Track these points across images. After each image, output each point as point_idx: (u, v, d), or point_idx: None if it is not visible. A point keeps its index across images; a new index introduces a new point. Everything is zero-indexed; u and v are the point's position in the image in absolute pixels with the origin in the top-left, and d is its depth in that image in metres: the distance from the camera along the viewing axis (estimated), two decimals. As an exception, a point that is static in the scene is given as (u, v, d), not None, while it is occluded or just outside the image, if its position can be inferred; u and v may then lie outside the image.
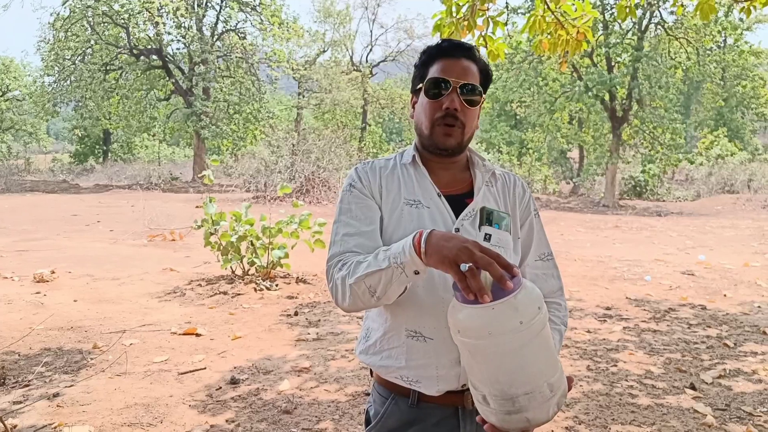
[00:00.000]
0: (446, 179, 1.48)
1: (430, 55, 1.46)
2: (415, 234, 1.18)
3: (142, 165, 32.00)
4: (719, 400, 3.73)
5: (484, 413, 1.17)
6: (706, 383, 4.02)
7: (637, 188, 26.11)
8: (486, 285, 1.06)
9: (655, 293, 6.50)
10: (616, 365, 4.35)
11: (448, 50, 1.44)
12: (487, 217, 1.40)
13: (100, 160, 38.39)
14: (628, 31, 23.19)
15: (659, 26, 22.95)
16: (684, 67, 24.06)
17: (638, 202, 23.80)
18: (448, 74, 1.40)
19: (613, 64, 22.88)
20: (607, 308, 5.91)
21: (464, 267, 1.06)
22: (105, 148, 39.31)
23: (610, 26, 22.49)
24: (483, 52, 5.49)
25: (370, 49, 37.22)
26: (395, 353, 1.41)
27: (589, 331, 5.15)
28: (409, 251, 1.17)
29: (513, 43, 25.47)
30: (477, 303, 1.05)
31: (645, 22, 22.58)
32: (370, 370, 1.52)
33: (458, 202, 1.45)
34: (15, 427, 3.22)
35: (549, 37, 5.44)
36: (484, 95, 1.47)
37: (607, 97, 22.69)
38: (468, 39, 5.38)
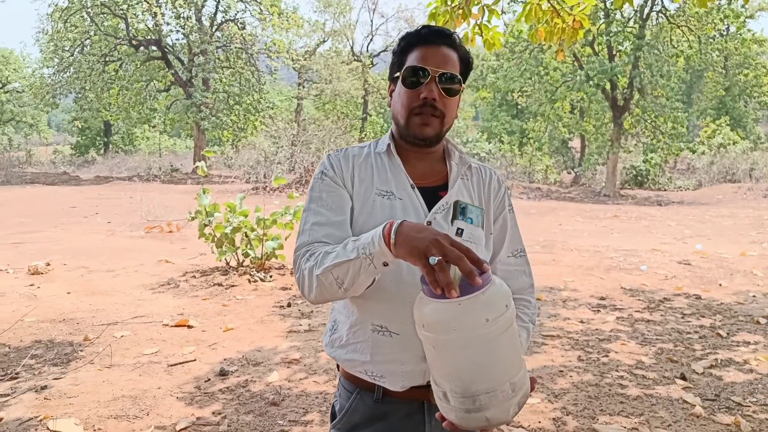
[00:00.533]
0: (421, 170, 1.45)
1: (408, 42, 1.41)
2: (385, 224, 1.15)
3: (143, 156, 32.02)
4: (709, 390, 3.72)
5: (444, 410, 1.15)
6: (697, 373, 4.01)
7: (639, 178, 26.04)
8: (455, 280, 1.04)
9: (650, 283, 6.48)
10: (607, 355, 4.34)
11: (428, 37, 1.39)
12: (460, 211, 1.34)
13: (102, 151, 38.40)
14: (629, 20, 23.03)
15: (661, 14, 22.79)
16: (686, 56, 23.89)
17: (639, 192, 23.74)
18: (427, 62, 1.36)
19: (614, 52, 22.75)
20: (602, 298, 5.89)
21: (433, 260, 1.03)
22: (106, 139, 39.31)
23: (612, 14, 22.33)
24: (479, 41, 5.45)
25: (371, 39, 37.08)
26: (360, 347, 1.38)
27: (582, 321, 5.14)
28: (378, 242, 1.14)
29: (515, 32, 25.36)
30: (444, 298, 1.03)
31: (647, 10, 22.42)
32: (337, 364, 1.49)
33: (432, 194, 1.42)
34: (1, 420, 3.22)
35: (545, 25, 5.41)
36: (463, 84, 1.42)
37: (608, 86, 22.57)
38: (463, 28, 5.33)
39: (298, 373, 3.96)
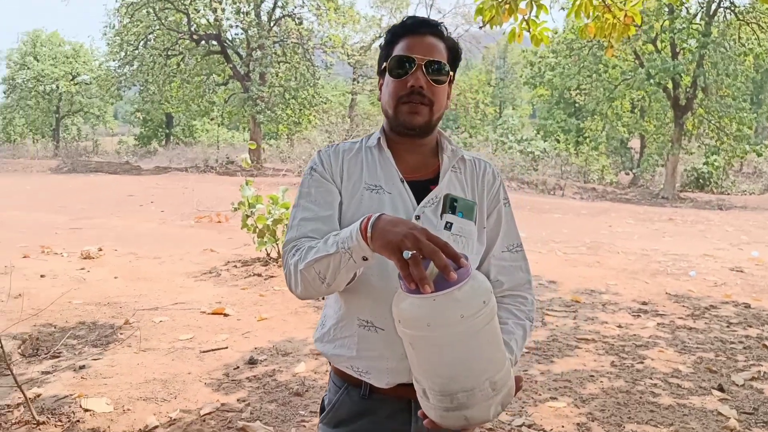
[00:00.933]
0: (412, 163, 1.43)
1: (394, 34, 1.40)
2: (363, 218, 1.14)
3: (202, 148, 32.86)
4: (747, 404, 3.56)
5: (425, 407, 1.13)
6: (737, 385, 3.84)
7: (700, 180, 25.08)
8: (430, 274, 1.02)
9: (697, 289, 6.24)
10: (642, 362, 4.21)
11: (413, 27, 1.38)
12: (450, 205, 1.32)
13: (163, 142, 39.61)
14: (695, 16, 22.19)
15: (729, 11, 21.84)
16: (755, 54, 22.81)
17: (700, 195, 22.88)
18: (413, 51, 1.35)
19: (678, 50, 21.95)
20: (644, 303, 5.71)
21: (407, 254, 1.02)
22: (167, 131, 40.51)
23: (677, 11, 21.54)
24: (526, 37, 5.35)
25: (427, 36, 36.87)
26: (347, 342, 1.38)
27: (620, 326, 5.00)
28: (356, 236, 1.13)
29: (575, 29, 24.81)
30: (418, 293, 1.01)
31: (714, 6, 21.54)
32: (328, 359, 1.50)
33: (422, 188, 1.40)
34: (39, 396, 3.38)
35: (596, 21, 5.27)
36: (452, 73, 1.41)
37: (670, 85, 21.82)
38: (510, 23, 5.26)
39: (324, 365, 4.00)
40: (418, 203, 1.37)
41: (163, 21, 25.51)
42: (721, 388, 3.77)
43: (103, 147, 37.17)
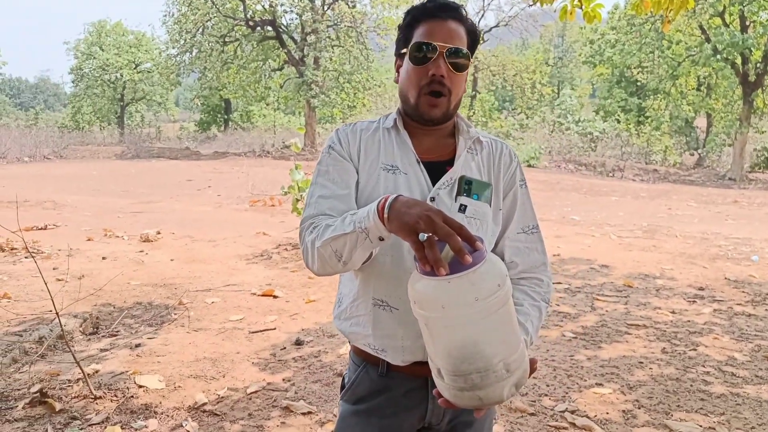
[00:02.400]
0: (428, 145, 1.42)
1: (414, 17, 1.38)
2: (380, 199, 1.14)
3: (259, 133, 33.47)
4: (806, 394, 3.41)
5: (440, 387, 1.15)
6: (796, 375, 3.69)
7: (772, 160, 23.88)
8: (446, 257, 1.03)
9: (759, 275, 5.98)
10: (695, 349, 4.08)
11: (434, 11, 1.36)
12: (465, 187, 1.34)
13: (222, 128, 40.52)
14: (767, -14, 21.01)
15: (805, -21, 20.56)
16: (834, 25, 21.44)
17: (771, 176, 21.80)
18: (434, 38, 1.33)
19: (747, 23, 20.85)
20: (700, 288, 5.52)
21: (422, 236, 1.03)
22: (226, 116, 41.40)
23: (747, -19, 20.45)
24: (579, 14, 5.21)
25: (482, 15, 36.27)
26: (363, 320, 1.39)
27: (673, 312, 4.85)
28: (372, 216, 1.14)
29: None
30: (433, 275, 1.02)
31: (787, -24, 20.32)
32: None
33: (438, 169, 1.39)
34: (97, 372, 3.55)
35: (652, -5, 5.08)
36: (471, 58, 1.39)
37: (738, 61, 20.79)
38: (561, 0, 5.12)
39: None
40: (434, 184, 1.36)
41: (219, 8, 25.96)
42: (778, 378, 3.62)
43: (165, 133, 38.34)
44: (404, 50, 1.39)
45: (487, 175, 1.43)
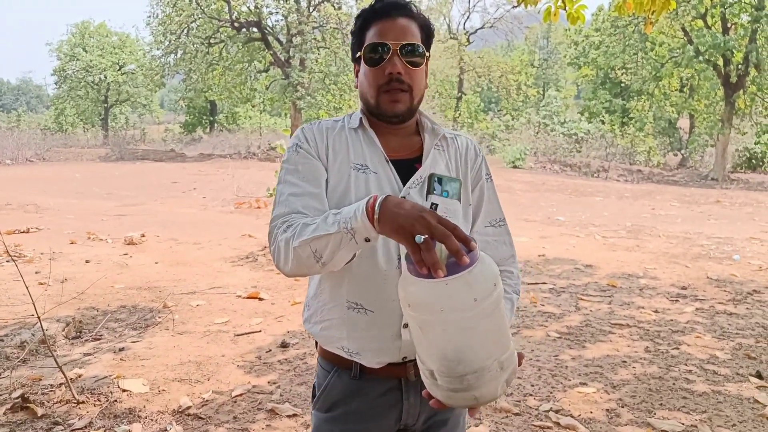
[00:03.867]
0: (395, 143, 1.41)
1: (365, 20, 1.37)
2: (368, 198, 1.12)
3: (245, 135, 33.35)
4: (786, 391, 3.46)
5: (431, 388, 1.14)
6: (777, 372, 3.73)
7: (753, 161, 24.20)
8: (441, 258, 1.02)
9: (741, 274, 6.06)
10: (678, 348, 4.13)
11: (383, 11, 1.35)
12: (436, 184, 1.31)
13: (207, 130, 40.31)
14: (748, -11, 21.28)
15: (785, -18, 20.85)
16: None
17: (752, 176, 22.08)
18: (386, 37, 1.33)
19: (729, 25, 21.11)
20: (683, 288, 5.58)
21: (419, 239, 1.00)
22: (211, 118, 41.20)
23: (728, -16, 20.71)
24: (563, 15, 5.24)
25: (468, 16, 36.53)
26: (336, 323, 1.37)
27: (656, 311, 4.90)
28: (361, 217, 1.11)
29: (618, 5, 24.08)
30: (430, 277, 1.00)
31: (768, -22, 20.60)
32: (315, 341, 1.48)
33: (407, 167, 1.38)
34: (80, 376, 3.52)
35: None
36: (428, 54, 1.38)
37: (720, 62, 21.04)
38: (545, 2, 5.15)
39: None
40: (404, 183, 1.36)
41: (204, 9, 25.85)
42: (759, 375, 3.67)
43: (150, 135, 38.09)
44: (359, 54, 1.38)
45: (455, 171, 1.43)
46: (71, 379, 3.34)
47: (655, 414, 3.19)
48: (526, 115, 33.75)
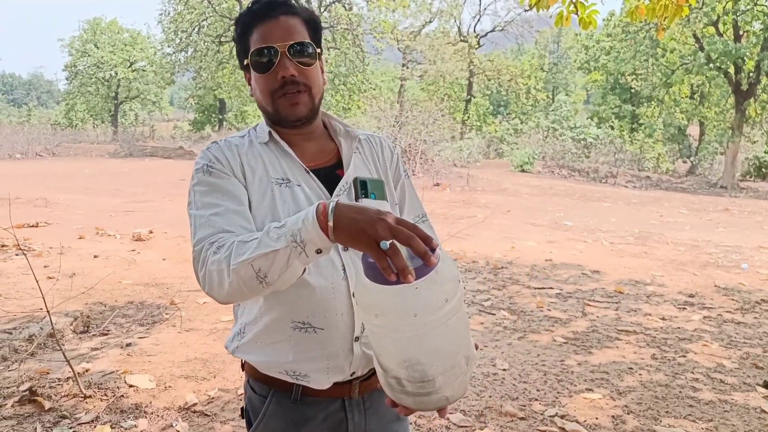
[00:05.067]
0: (310, 152, 1.33)
1: (245, 24, 1.28)
2: (316, 206, 1.02)
3: (253, 133, 33.34)
4: (793, 402, 3.44)
5: (397, 396, 1.09)
6: (784, 382, 3.71)
7: (763, 169, 24.06)
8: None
9: (749, 282, 6.03)
10: (685, 356, 4.11)
11: (263, 12, 1.26)
12: (362, 188, 1.24)
13: (216, 128, 40.45)
14: (760, -3, 21.19)
15: (798, -10, 20.76)
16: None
17: (762, 185, 21.97)
18: (271, 39, 1.24)
19: (741, 33, 21.03)
20: (690, 295, 5.56)
21: (385, 245, 0.94)
22: (221, 116, 41.35)
23: (740, -9, 20.63)
24: (575, 20, 5.24)
25: (479, 19, 36.46)
26: (280, 347, 1.26)
27: (663, 319, 4.89)
28: (312, 226, 1.00)
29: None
30: (398, 283, 0.94)
31: (781, -14, 20.52)
32: (242, 364, 1.37)
33: (329, 174, 1.32)
34: (87, 371, 3.54)
35: (647, 1, 5.12)
36: (319, 50, 1.30)
37: (731, 70, 20.97)
38: (557, 6, 5.15)
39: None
40: (329, 191, 1.29)
41: (215, 8, 25.98)
42: (766, 385, 3.65)
43: (159, 132, 38.24)
44: (246, 61, 1.29)
45: (375, 172, 1.38)
46: (79, 373, 3.36)
47: (660, 421, 3.18)
48: (535, 119, 33.69)
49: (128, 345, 3.98)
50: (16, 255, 6.18)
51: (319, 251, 1.03)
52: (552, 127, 29.96)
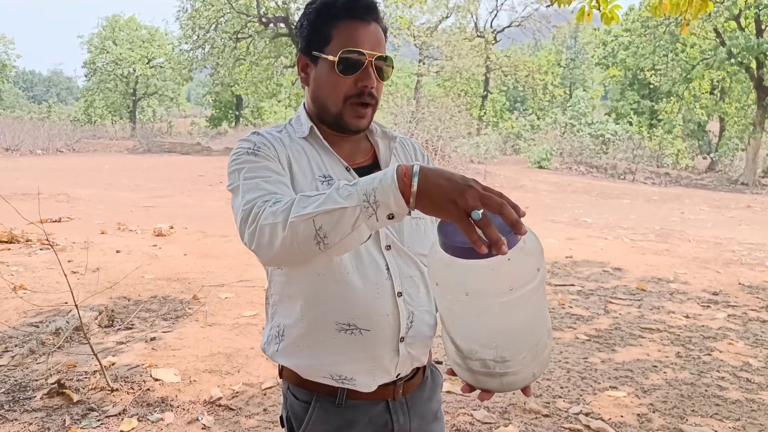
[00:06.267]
0: (348, 151, 1.31)
1: (332, 14, 1.22)
2: (396, 167, 0.93)
3: (270, 130, 33.46)
4: (822, 402, 3.39)
5: (480, 381, 1.04)
6: (812, 382, 3.66)
7: (784, 166, 23.72)
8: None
9: (774, 281, 5.96)
10: (710, 354, 4.07)
11: (359, 11, 1.21)
12: None
13: (233, 124, 40.67)
14: (783, -10, 20.85)
15: (822, -16, 20.39)
16: None
17: (784, 182, 21.65)
18: (363, 45, 1.20)
19: (763, 27, 20.72)
20: (714, 293, 5.50)
21: (477, 214, 0.86)
22: (237, 113, 41.56)
23: (763, -15, 20.30)
24: (596, 15, 5.19)
25: (495, 15, 36.26)
26: (324, 351, 1.22)
27: (687, 317, 4.84)
28: (391, 187, 0.91)
29: (649, 6, 23.76)
30: (489, 256, 0.87)
31: (805, -20, 20.16)
32: (279, 371, 1.34)
33: (366, 174, 1.27)
34: (113, 364, 3.58)
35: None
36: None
37: (753, 65, 20.67)
38: (579, 1, 5.10)
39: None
40: None
41: (233, 5, 26.07)
42: (794, 385, 3.61)
43: (177, 128, 38.56)
44: (320, 53, 1.23)
45: None
46: (105, 367, 3.40)
47: (687, 420, 3.15)
48: (553, 114, 33.47)
49: (153, 339, 4.01)
50: (41, 249, 6.26)
51: (391, 216, 0.93)
52: (570, 123, 29.75)
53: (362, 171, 1.27)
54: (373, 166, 1.31)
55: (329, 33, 1.21)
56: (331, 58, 1.20)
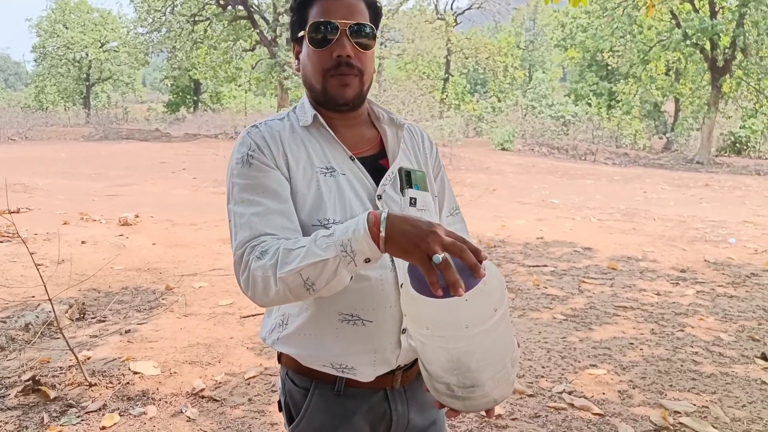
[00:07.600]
0: (353, 139, 1.28)
1: None
2: (366, 215, 1.01)
3: (230, 115, 32.96)
4: (792, 373, 3.51)
5: (447, 401, 1.10)
6: (781, 354, 3.79)
7: (737, 145, 24.49)
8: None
9: (737, 257, 6.14)
10: (683, 330, 4.17)
11: None
12: (406, 178, 1.24)
13: (191, 109, 39.83)
14: (736, -27, 21.33)
15: (772, -34, 20.92)
16: (799, 12, 21.89)
17: (737, 160, 22.34)
18: (333, 15, 1.19)
19: (716, 9, 21.17)
20: (682, 271, 5.64)
21: (437, 258, 0.92)
22: (195, 98, 40.71)
23: (716, -32, 20.74)
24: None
25: (456, -3, 36.13)
26: (326, 340, 1.22)
27: (658, 294, 4.95)
28: (364, 237, 0.99)
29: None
30: (447, 296, 0.94)
31: (756, -38, 20.65)
32: (278, 356, 1.33)
33: (373, 164, 1.27)
34: (89, 358, 3.48)
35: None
36: (377, 34, 1.27)
37: (707, 46, 21.13)
38: (547, -16, 5.12)
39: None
40: (374, 181, 1.25)
41: (189, -14, 25.42)
42: (764, 357, 3.72)
43: (133, 114, 37.49)
44: (301, 33, 1.24)
45: (416, 163, 1.35)
46: (81, 361, 3.30)
47: (665, 395, 3.23)
48: (513, 97, 33.74)
49: (128, 332, 3.91)
50: (1, 242, 6.04)
51: (367, 260, 1.02)
52: (531, 105, 30.05)
53: (367, 161, 1.27)
54: (379, 155, 1.30)
55: (306, 14, 1.23)
56: (303, 34, 1.23)
